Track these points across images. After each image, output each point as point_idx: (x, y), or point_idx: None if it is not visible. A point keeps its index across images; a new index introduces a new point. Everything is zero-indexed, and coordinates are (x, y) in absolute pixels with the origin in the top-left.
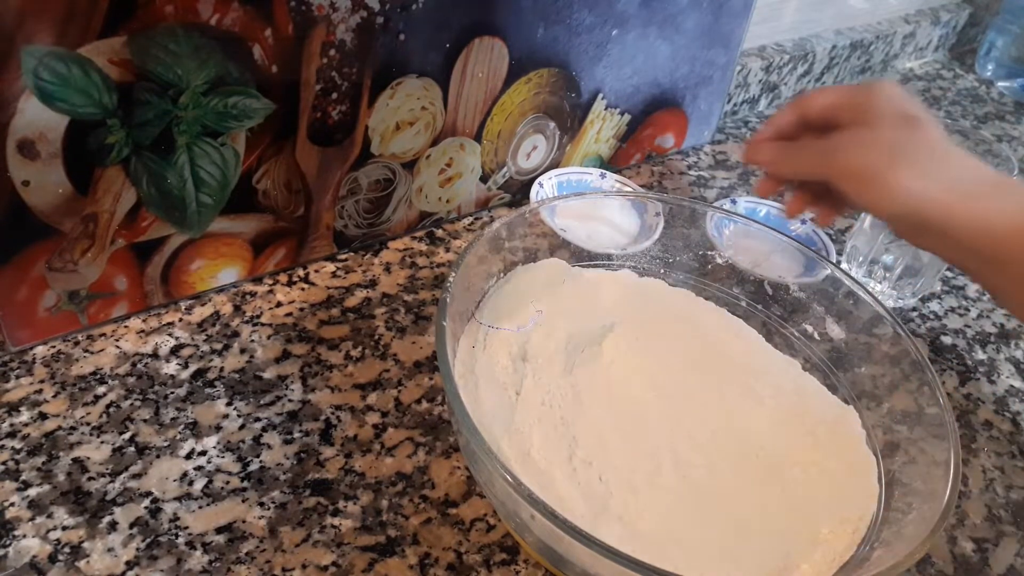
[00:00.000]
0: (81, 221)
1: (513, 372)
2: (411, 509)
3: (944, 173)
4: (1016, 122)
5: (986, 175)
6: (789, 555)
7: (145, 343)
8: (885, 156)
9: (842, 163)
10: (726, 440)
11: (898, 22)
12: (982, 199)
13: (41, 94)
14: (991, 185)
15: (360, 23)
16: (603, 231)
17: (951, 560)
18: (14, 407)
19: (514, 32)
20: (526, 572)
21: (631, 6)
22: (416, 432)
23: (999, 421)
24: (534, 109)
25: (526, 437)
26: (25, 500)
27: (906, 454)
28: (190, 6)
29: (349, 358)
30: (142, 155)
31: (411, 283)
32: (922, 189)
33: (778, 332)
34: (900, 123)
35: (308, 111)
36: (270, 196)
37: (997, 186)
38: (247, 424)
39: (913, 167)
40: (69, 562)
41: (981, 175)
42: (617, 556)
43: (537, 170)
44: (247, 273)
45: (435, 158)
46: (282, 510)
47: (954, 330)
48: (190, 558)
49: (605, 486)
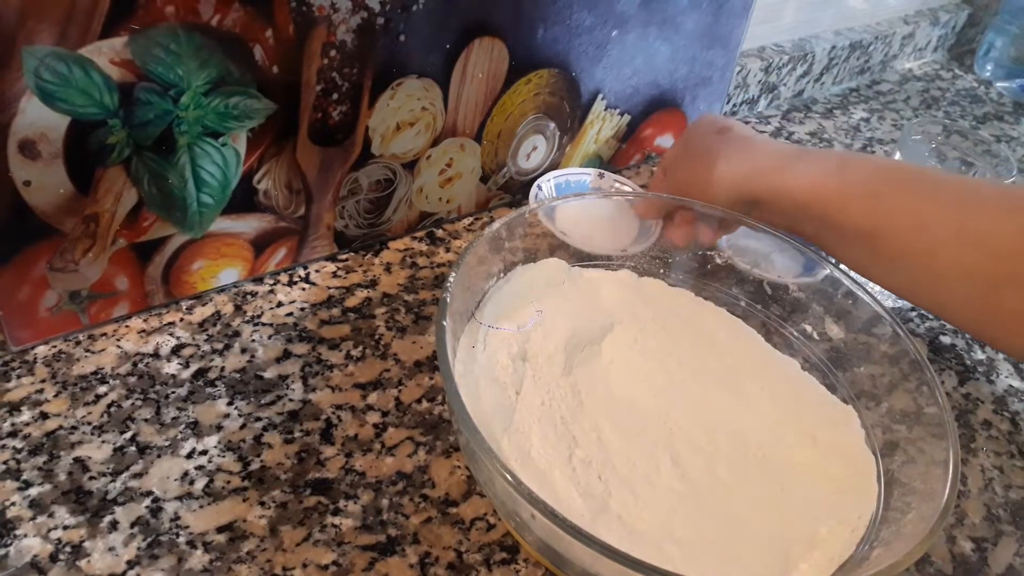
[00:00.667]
0: (82, 221)
1: (513, 372)
2: (411, 508)
3: (754, 157)
4: (1015, 122)
5: (790, 149)
6: (788, 555)
7: (146, 343)
8: (703, 162)
9: (680, 180)
10: (725, 440)
11: (897, 23)
12: (785, 168)
13: (42, 94)
14: (793, 157)
15: (361, 24)
16: (603, 232)
17: (950, 560)
18: (15, 407)
19: (514, 33)
20: (526, 571)
21: (631, 7)
22: (416, 432)
23: (998, 421)
24: (534, 110)
25: (526, 437)
26: (26, 499)
27: (905, 454)
28: (191, 6)
29: (349, 358)
30: (143, 155)
31: (411, 283)
32: (736, 174)
33: (777, 332)
34: (712, 135)
35: (309, 111)
36: (271, 196)
37: (798, 156)
38: (248, 424)
39: (728, 161)
40: (70, 561)
41: (785, 150)
42: (617, 555)
43: (537, 170)
44: (248, 273)
45: (435, 158)
46: (283, 509)
47: (953, 330)
48: (191, 557)
49: (605, 485)
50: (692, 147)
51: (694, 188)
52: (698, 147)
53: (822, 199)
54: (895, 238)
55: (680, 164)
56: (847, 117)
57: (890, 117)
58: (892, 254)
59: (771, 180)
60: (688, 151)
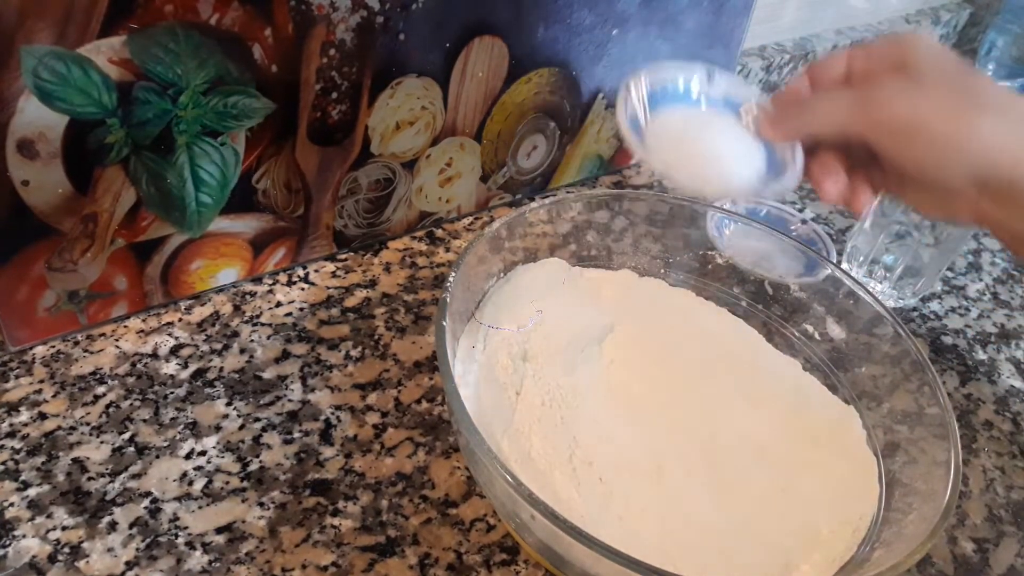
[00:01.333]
0: (81, 221)
1: (513, 372)
2: (411, 509)
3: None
4: None
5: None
6: (789, 555)
7: (145, 343)
8: (946, 103)
9: (886, 113)
10: (726, 440)
11: (899, 22)
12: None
13: (41, 94)
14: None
15: (360, 23)
16: (716, 164)
17: (951, 560)
18: (13, 407)
19: (514, 32)
20: (526, 572)
21: (631, 5)
22: (416, 432)
23: (1000, 421)
24: (534, 109)
25: (526, 437)
26: (25, 500)
27: (906, 454)
28: (190, 5)
29: (349, 358)
30: (142, 155)
31: (411, 283)
32: (1003, 142)
33: (778, 332)
34: (952, 74)
35: (308, 111)
36: (270, 196)
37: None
38: (247, 424)
39: (983, 114)
40: (69, 562)
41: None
42: (617, 556)
43: (537, 170)
44: (247, 273)
45: (435, 158)
46: (282, 510)
47: (954, 330)
48: (190, 558)
49: (605, 486)
50: (927, 69)
51: (904, 135)
52: (944, 74)
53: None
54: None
55: (891, 87)
56: None
57: None
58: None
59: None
60: (917, 70)
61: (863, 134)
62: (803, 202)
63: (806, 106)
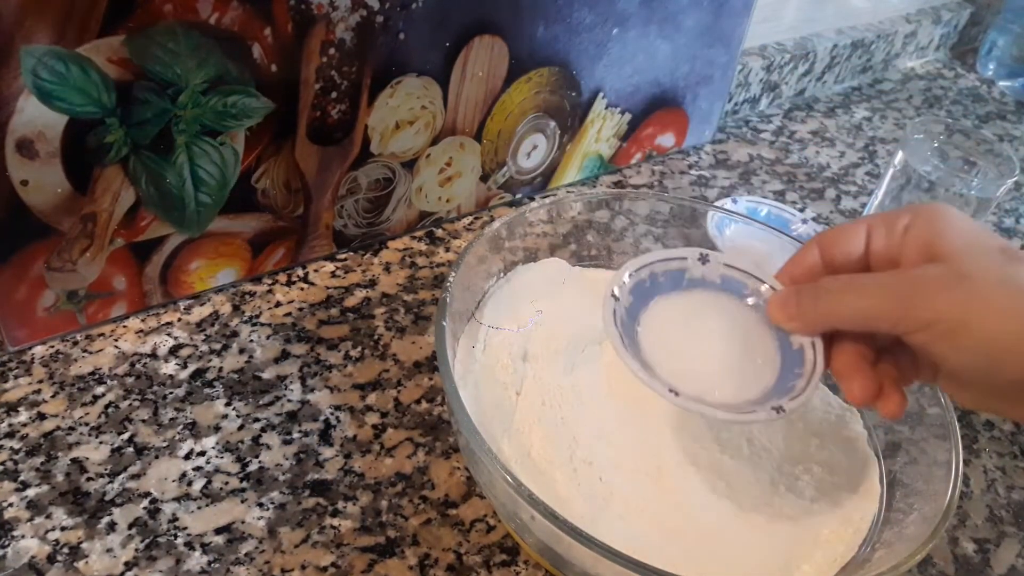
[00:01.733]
0: (80, 220)
1: (513, 372)
2: (411, 510)
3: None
4: (1017, 122)
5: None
6: (790, 555)
7: (144, 343)
8: (1000, 298)
9: (930, 313)
10: (727, 439)
11: (899, 21)
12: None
13: (40, 93)
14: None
15: (360, 22)
16: (724, 375)
17: (952, 561)
18: (12, 407)
19: (514, 31)
20: (526, 573)
21: (631, 5)
22: (416, 432)
23: (1000, 422)
24: (534, 108)
25: (526, 437)
26: (24, 500)
27: (907, 454)
28: (189, 5)
29: (348, 358)
30: (141, 154)
31: (411, 283)
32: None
33: None
34: (997, 258)
35: (307, 110)
36: (269, 195)
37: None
38: (246, 424)
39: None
40: (68, 563)
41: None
42: (617, 556)
43: (537, 170)
44: (246, 273)
45: (435, 157)
46: (281, 511)
47: None
48: (189, 559)
49: (605, 486)
50: (966, 255)
51: (953, 335)
52: (989, 259)
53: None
54: None
55: (930, 275)
56: (849, 116)
57: (892, 116)
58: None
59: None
60: (956, 257)
61: (901, 334)
62: (803, 202)
63: (829, 295)
